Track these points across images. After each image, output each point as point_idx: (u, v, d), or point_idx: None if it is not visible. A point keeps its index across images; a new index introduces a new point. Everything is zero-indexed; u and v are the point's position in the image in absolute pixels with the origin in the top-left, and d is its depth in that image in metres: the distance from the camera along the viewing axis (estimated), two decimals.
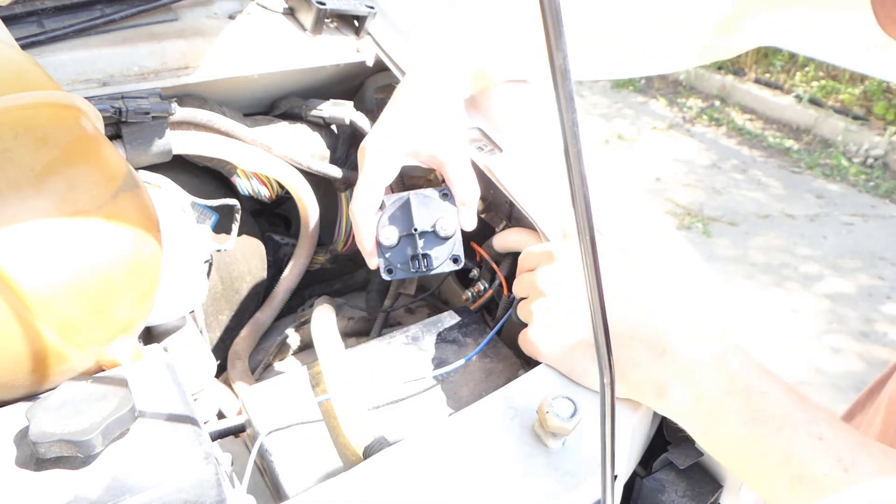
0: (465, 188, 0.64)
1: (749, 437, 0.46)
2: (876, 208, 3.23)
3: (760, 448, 0.46)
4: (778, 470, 0.45)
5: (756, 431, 0.46)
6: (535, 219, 0.65)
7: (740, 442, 0.47)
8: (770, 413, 0.46)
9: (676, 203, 3.20)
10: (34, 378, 0.44)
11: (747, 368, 0.49)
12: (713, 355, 0.50)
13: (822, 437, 0.44)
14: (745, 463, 0.47)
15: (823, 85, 3.95)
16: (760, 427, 0.46)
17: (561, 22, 0.24)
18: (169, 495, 0.38)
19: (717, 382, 0.48)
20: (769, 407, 0.47)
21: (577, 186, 0.28)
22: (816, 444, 0.44)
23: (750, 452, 0.46)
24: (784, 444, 0.45)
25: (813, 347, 2.41)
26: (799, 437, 0.45)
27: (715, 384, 0.48)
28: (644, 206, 0.68)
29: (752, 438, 0.46)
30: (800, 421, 0.46)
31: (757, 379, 0.48)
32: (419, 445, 0.48)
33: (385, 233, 0.62)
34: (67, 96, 0.49)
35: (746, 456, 0.47)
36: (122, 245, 0.47)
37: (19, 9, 0.72)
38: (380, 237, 0.62)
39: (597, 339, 0.32)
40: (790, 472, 0.44)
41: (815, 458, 0.44)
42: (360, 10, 0.85)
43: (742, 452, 0.47)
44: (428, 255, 0.62)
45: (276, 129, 0.83)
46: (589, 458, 0.48)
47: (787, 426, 0.45)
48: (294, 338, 0.83)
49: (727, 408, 0.48)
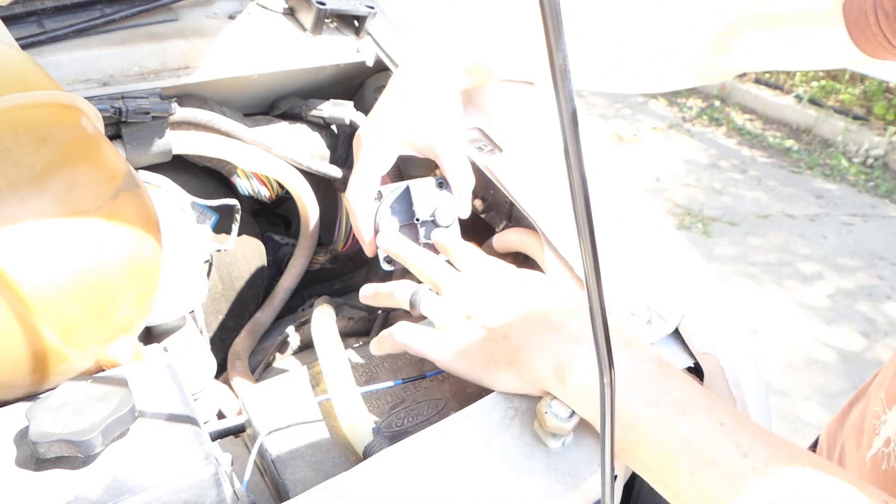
0: (461, 177, 0.64)
1: (652, 420, 0.45)
2: (876, 208, 3.23)
3: (662, 432, 0.45)
4: (679, 455, 0.44)
5: (659, 415, 0.45)
6: (535, 219, 0.65)
7: (642, 425, 0.46)
8: (673, 397, 0.46)
9: (676, 203, 3.20)
10: (34, 378, 0.44)
11: (650, 356, 0.49)
12: (618, 340, 0.49)
13: (722, 422, 0.44)
14: (645, 448, 0.46)
15: (823, 85, 3.95)
16: (663, 410, 0.45)
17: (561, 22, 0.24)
18: (169, 495, 0.38)
19: (622, 364, 0.47)
20: (672, 391, 0.46)
21: (577, 186, 0.28)
22: (718, 429, 0.44)
23: (651, 436, 0.45)
24: (686, 428, 0.44)
25: (813, 347, 2.41)
26: (700, 422, 0.44)
27: (620, 366, 0.47)
28: (644, 206, 0.68)
29: (655, 421, 0.45)
30: (701, 406, 0.45)
31: (659, 366, 0.48)
32: (419, 445, 0.48)
33: (384, 223, 0.62)
34: (67, 96, 0.49)
35: (647, 440, 0.46)
36: (122, 245, 0.47)
37: (19, 9, 0.72)
38: (379, 227, 0.62)
39: (596, 339, 0.32)
40: (691, 458, 0.44)
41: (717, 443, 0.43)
42: (360, 10, 0.85)
43: (643, 436, 0.46)
44: (429, 244, 0.63)
45: (276, 129, 0.83)
46: (589, 458, 0.48)
47: (689, 411, 0.45)
48: (294, 338, 0.83)
49: (631, 389, 0.46)
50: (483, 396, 0.52)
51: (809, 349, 2.40)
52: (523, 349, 0.51)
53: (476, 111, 0.75)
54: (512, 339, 0.52)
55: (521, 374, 0.51)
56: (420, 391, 0.59)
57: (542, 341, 0.51)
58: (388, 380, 0.60)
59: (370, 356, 0.63)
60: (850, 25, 0.60)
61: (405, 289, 0.59)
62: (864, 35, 0.59)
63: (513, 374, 0.52)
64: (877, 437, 0.64)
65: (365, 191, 0.62)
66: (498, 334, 0.53)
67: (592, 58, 0.74)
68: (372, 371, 0.62)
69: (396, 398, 0.59)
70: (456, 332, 0.55)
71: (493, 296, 0.55)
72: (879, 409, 0.65)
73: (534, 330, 0.52)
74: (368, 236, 0.63)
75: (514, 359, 0.52)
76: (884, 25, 0.57)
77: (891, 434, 0.61)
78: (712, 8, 0.70)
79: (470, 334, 0.54)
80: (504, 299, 0.55)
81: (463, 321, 0.55)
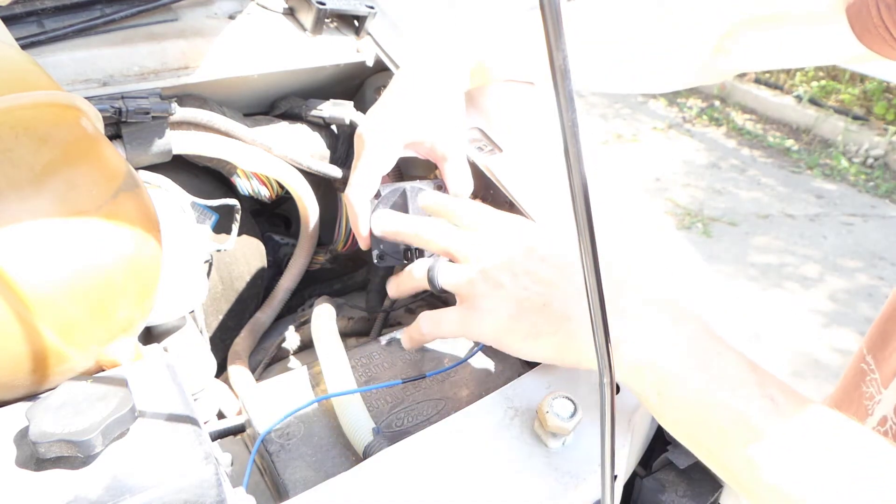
0: (460, 183, 0.65)
1: (704, 400, 0.45)
2: (876, 208, 3.23)
3: (715, 411, 0.45)
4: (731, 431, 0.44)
5: (711, 393, 0.45)
6: (535, 219, 0.65)
7: (694, 404, 0.45)
8: (727, 374, 0.46)
9: (676, 203, 3.20)
10: (34, 378, 0.44)
11: (701, 330, 0.48)
12: (672, 317, 0.48)
13: (774, 398, 0.44)
14: (696, 426, 0.46)
15: (823, 85, 3.95)
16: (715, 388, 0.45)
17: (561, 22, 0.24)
18: (169, 495, 0.38)
19: (676, 344, 0.47)
20: (726, 368, 0.46)
21: (576, 186, 0.28)
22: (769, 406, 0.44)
23: (703, 415, 0.45)
24: (739, 404, 0.44)
25: (813, 347, 2.41)
26: (753, 398, 0.44)
27: (674, 345, 0.47)
28: (644, 206, 0.68)
29: (708, 401, 0.45)
30: (753, 382, 0.45)
31: (712, 341, 0.47)
32: (419, 445, 0.48)
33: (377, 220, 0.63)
34: (67, 96, 0.49)
35: (699, 418, 0.45)
36: (122, 245, 0.47)
37: (19, 9, 0.72)
38: (371, 225, 0.63)
39: (596, 340, 0.32)
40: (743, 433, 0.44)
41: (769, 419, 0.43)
42: (360, 10, 0.85)
43: (695, 415, 0.45)
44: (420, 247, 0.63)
45: (276, 129, 0.83)
46: (589, 458, 0.48)
47: (742, 388, 0.45)
48: (294, 338, 0.83)
49: (684, 368, 0.46)
50: (483, 396, 0.52)
51: (810, 349, 2.40)
52: (570, 320, 0.49)
53: (476, 111, 0.75)
54: (555, 307, 0.49)
55: (565, 346, 0.49)
56: (420, 391, 0.59)
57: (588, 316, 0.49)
58: (388, 380, 0.60)
59: (370, 356, 0.63)
60: (852, 18, 0.60)
61: (421, 267, 0.55)
62: (866, 27, 0.59)
63: (555, 346, 0.49)
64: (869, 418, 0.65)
65: (365, 189, 0.63)
66: (536, 303, 0.50)
67: (592, 58, 0.74)
68: (372, 371, 0.62)
69: (396, 398, 0.59)
70: (484, 303, 0.51)
71: (524, 261, 0.51)
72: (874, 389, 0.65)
73: (578, 300, 0.49)
74: (365, 232, 0.63)
75: (559, 330, 0.49)
76: (886, 17, 0.57)
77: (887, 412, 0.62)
78: (712, 8, 0.70)
79: (503, 305, 0.51)
80: (537, 266, 0.51)
81: (491, 290, 0.51)
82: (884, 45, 0.59)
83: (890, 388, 0.63)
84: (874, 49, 0.61)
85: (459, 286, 0.53)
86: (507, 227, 0.55)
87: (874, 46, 0.60)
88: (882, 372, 0.65)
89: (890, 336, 0.65)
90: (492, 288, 0.51)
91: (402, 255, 0.63)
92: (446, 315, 0.53)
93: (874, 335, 0.68)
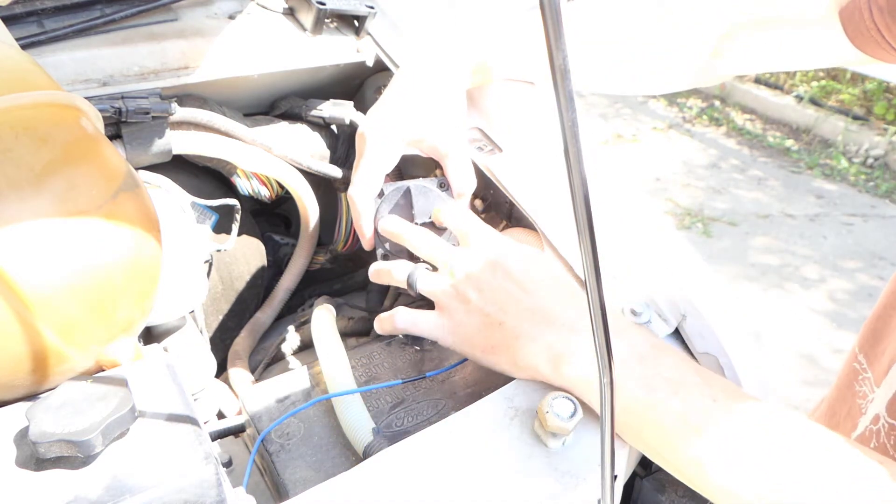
0: (463, 180, 0.65)
1: (646, 402, 0.47)
2: (876, 208, 3.23)
3: (656, 412, 0.46)
4: (674, 432, 0.46)
5: (652, 396, 0.47)
6: (535, 219, 0.65)
7: (637, 408, 0.47)
8: (665, 378, 0.47)
9: (676, 203, 3.20)
10: (34, 378, 0.44)
11: (643, 338, 0.50)
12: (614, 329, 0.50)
13: (715, 398, 0.46)
14: (642, 430, 0.48)
15: (823, 85, 3.95)
16: (656, 392, 0.47)
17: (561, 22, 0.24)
18: (169, 495, 0.38)
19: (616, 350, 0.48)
20: (664, 372, 0.48)
21: (577, 186, 0.28)
22: (711, 405, 0.45)
23: (647, 418, 0.47)
24: (679, 405, 0.46)
25: (814, 348, 2.41)
26: (694, 398, 0.46)
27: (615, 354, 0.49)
28: (644, 206, 0.68)
29: (649, 403, 0.47)
30: (694, 383, 0.47)
31: (652, 347, 0.49)
32: (419, 445, 0.48)
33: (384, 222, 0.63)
34: (67, 96, 0.49)
35: (644, 422, 0.47)
36: (122, 245, 0.47)
37: (19, 9, 0.72)
38: (378, 226, 0.63)
39: (596, 340, 0.32)
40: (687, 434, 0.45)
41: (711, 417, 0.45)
42: (360, 10, 0.85)
43: (639, 419, 0.47)
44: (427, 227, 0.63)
45: (276, 129, 0.83)
46: (589, 458, 0.48)
47: (682, 389, 0.46)
48: (294, 338, 0.83)
49: (625, 375, 0.48)
50: (483, 396, 0.52)
51: (810, 350, 2.40)
52: (518, 338, 0.52)
53: (476, 111, 0.75)
54: (507, 326, 0.53)
55: (515, 362, 0.52)
56: (420, 391, 0.59)
57: (536, 332, 0.52)
58: (388, 380, 0.60)
59: (370, 356, 0.63)
60: (845, 22, 0.60)
61: (403, 268, 0.59)
62: (859, 30, 0.60)
63: (509, 362, 0.53)
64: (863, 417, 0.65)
65: (368, 187, 0.63)
66: (494, 321, 0.54)
67: (592, 58, 0.74)
68: (372, 371, 0.62)
69: (396, 398, 0.59)
70: (454, 315, 0.55)
71: (490, 279, 0.55)
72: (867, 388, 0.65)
73: (529, 319, 0.53)
74: (369, 232, 0.64)
75: (510, 347, 0.52)
76: (878, 20, 0.58)
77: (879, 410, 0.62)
78: (712, 8, 0.70)
79: (468, 319, 0.54)
80: (501, 283, 0.55)
81: (460, 304, 0.55)
82: (877, 48, 0.60)
83: (882, 386, 0.63)
84: (867, 52, 0.61)
85: (434, 294, 0.57)
86: (487, 244, 0.58)
87: (867, 49, 0.61)
88: (874, 370, 0.65)
89: (881, 334, 0.65)
90: (460, 302, 0.55)
91: (406, 254, 0.63)
92: (422, 317, 0.57)
93: (866, 333, 0.68)
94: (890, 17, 0.57)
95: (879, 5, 0.57)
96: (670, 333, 0.59)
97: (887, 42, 0.58)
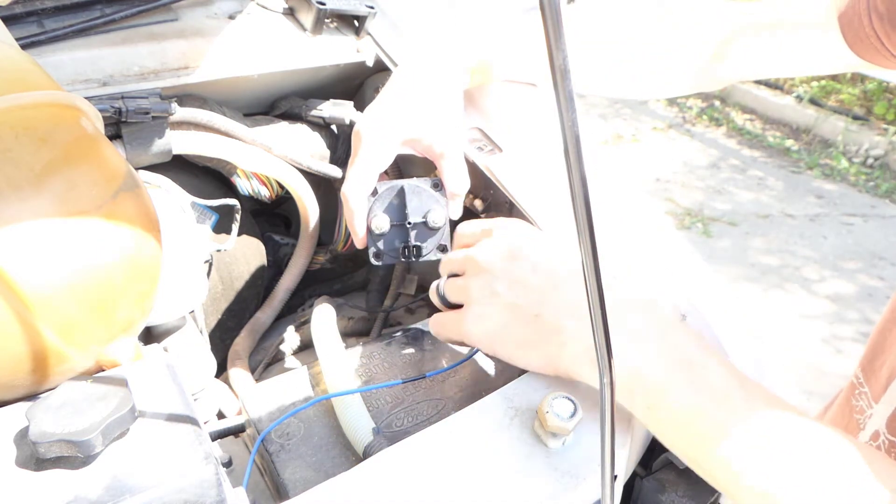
0: (457, 181, 0.65)
1: (690, 412, 0.46)
2: (876, 208, 3.23)
3: (698, 421, 0.46)
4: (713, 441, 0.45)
5: (697, 405, 0.46)
6: (535, 219, 0.65)
7: (682, 415, 0.46)
8: (710, 385, 0.46)
9: (676, 203, 3.20)
10: (34, 378, 0.44)
11: (688, 341, 0.49)
12: (658, 328, 0.49)
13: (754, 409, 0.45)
14: (682, 435, 0.47)
15: (823, 85, 3.95)
16: (700, 400, 0.46)
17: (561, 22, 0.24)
18: (169, 495, 0.38)
19: (661, 355, 0.47)
20: (710, 379, 0.47)
21: (577, 186, 0.28)
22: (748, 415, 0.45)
23: (688, 425, 0.46)
24: (722, 415, 0.45)
25: (814, 348, 2.41)
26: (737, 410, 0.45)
27: (659, 356, 0.47)
28: (644, 206, 0.68)
29: (694, 413, 0.46)
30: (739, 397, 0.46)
31: (698, 352, 0.48)
32: (419, 445, 0.48)
33: (377, 221, 0.63)
34: (67, 96, 0.49)
35: (687, 430, 0.46)
36: (122, 245, 0.47)
37: (19, 9, 0.72)
38: (371, 225, 0.63)
39: (596, 340, 0.32)
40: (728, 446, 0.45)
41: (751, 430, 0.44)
42: (360, 10, 0.85)
43: (680, 424, 0.46)
44: (418, 245, 0.63)
45: (276, 129, 0.83)
46: (589, 458, 0.48)
47: (727, 400, 0.46)
48: (294, 338, 0.83)
49: (671, 381, 0.47)
50: (483, 396, 0.52)
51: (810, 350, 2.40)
52: (559, 333, 0.50)
53: (476, 111, 0.75)
54: (546, 319, 0.50)
55: (555, 358, 0.50)
56: (420, 391, 0.59)
57: (578, 329, 0.49)
58: (389, 380, 0.60)
59: (370, 356, 0.63)
60: (844, 28, 0.61)
61: (432, 290, 0.58)
62: (858, 37, 0.60)
63: (545, 357, 0.51)
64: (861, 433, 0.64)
65: (362, 186, 0.62)
66: (528, 314, 0.51)
67: (592, 58, 0.74)
68: (372, 371, 0.62)
69: (396, 398, 0.59)
70: (481, 311, 0.52)
71: (516, 270, 0.52)
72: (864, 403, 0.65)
73: (569, 313, 0.50)
74: (361, 231, 0.63)
75: (548, 342, 0.50)
76: (877, 27, 0.58)
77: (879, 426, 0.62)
78: (712, 9, 0.70)
79: (497, 313, 0.52)
80: (522, 270, 0.52)
81: (487, 298, 0.52)
82: (876, 54, 0.60)
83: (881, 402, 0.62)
84: (866, 58, 0.61)
85: (460, 296, 0.55)
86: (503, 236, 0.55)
87: (866, 56, 0.61)
88: (871, 386, 0.65)
89: (880, 349, 0.65)
90: (488, 296, 0.53)
91: (398, 253, 0.63)
92: (448, 318, 0.55)
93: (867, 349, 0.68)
94: (890, 25, 0.57)
95: (879, 13, 0.57)
96: None
97: (887, 49, 0.58)
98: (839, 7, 0.61)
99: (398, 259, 0.64)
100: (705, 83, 0.76)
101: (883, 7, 0.57)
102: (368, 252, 0.64)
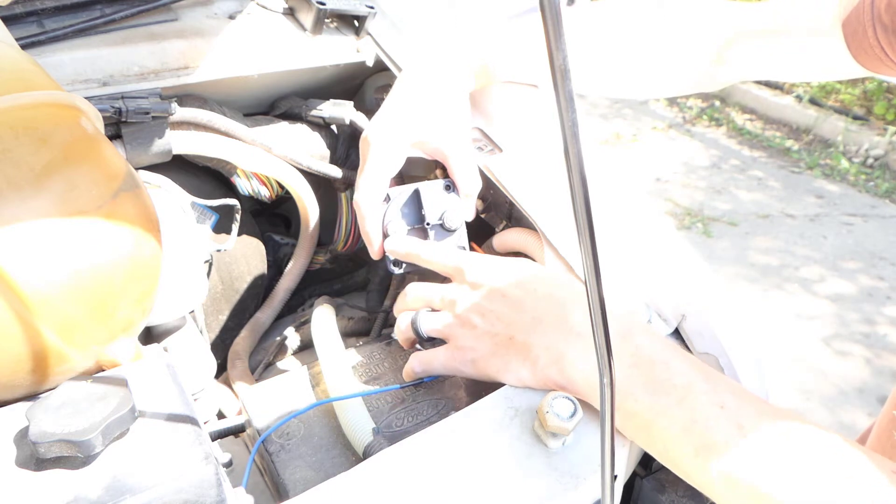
0: (469, 181, 0.64)
1: (653, 409, 0.47)
2: (876, 208, 3.23)
3: (665, 419, 0.46)
4: (682, 439, 0.46)
5: (660, 402, 0.47)
6: (535, 219, 0.65)
7: (645, 414, 0.47)
8: (672, 384, 0.47)
9: (676, 203, 3.20)
10: (34, 378, 0.44)
11: (651, 341, 0.50)
12: (618, 332, 0.50)
13: (723, 405, 0.46)
14: (651, 435, 0.48)
15: (823, 85, 3.95)
16: (663, 398, 0.47)
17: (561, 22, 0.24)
18: (169, 495, 0.38)
19: (621, 357, 0.49)
20: (672, 378, 0.48)
21: (576, 186, 0.28)
22: (718, 413, 0.45)
23: (655, 424, 0.47)
24: (687, 413, 0.46)
25: (814, 349, 2.41)
26: (701, 405, 0.46)
27: (620, 359, 0.49)
28: (644, 206, 0.68)
29: (657, 410, 0.47)
30: (702, 390, 0.46)
31: (660, 351, 0.49)
32: (419, 445, 0.48)
33: (393, 226, 0.62)
34: (67, 96, 0.49)
35: (652, 428, 0.47)
36: (122, 245, 0.47)
37: (19, 9, 0.72)
38: (388, 230, 0.62)
39: (596, 340, 0.32)
40: (693, 442, 0.45)
41: (717, 425, 0.45)
42: (360, 10, 0.85)
43: (647, 425, 0.48)
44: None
45: (276, 129, 0.83)
46: (589, 458, 0.48)
47: (690, 395, 0.46)
48: (294, 338, 0.83)
49: (632, 381, 0.48)
50: (483, 396, 0.52)
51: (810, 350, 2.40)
52: (531, 348, 0.52)
53: (477, 112, 0.75)
54: (518, 339, 0.53)
55: (533, 371, 0.52)
56: (420, 391, 0.59)
57: (543, 339, 0.52)
58: (389, 379, 0.60)
59: (370, 356, 0.63)
60: (848, 38, 0.61)
61: (404, 319, 0.59)
62: (862, 47, 0.60)
63: (527, 372, 0.53)
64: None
65: (375, 193, 0.62)
66: (504, 338, 0.54)
67: (593, 58, 0.74)
68: (372, 371, 0.62)
69: (396, 398, 0.59)
70: (465, 343, 0.55)
71: (489, 303, 0.55)
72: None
73: (535, 329, 0.53)
74: (377, 239, 0.63)
75: (525, 358, 0.53)
76: (881, 38, 0.58)
77: None
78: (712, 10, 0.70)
79: (479, 343, 0.55)
80: (499, 306, 0.55)
81: (467, 332, 0.55)
82: (880, 64, 0.60)
83: None
84: (869, 68, 0.61)
85: (440, 331, 0.57)
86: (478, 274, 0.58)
87: (869, 65, 0.61)
88: None
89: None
90: (468, 329, 0.55)
91: None
92: (435, 355, 0.57)
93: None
94: (894, 36, 0.57)
95: (883, 24, 0.57)
96: (670, 333, 0.59)
97: (891, 59, 0.59)
98: (843, 16, 0.61)
99: (417, 268, 0.62)
100: (706, 84, 0.76)
101: (887, 18, 0.57)
102: (386, 260, 0.63)
